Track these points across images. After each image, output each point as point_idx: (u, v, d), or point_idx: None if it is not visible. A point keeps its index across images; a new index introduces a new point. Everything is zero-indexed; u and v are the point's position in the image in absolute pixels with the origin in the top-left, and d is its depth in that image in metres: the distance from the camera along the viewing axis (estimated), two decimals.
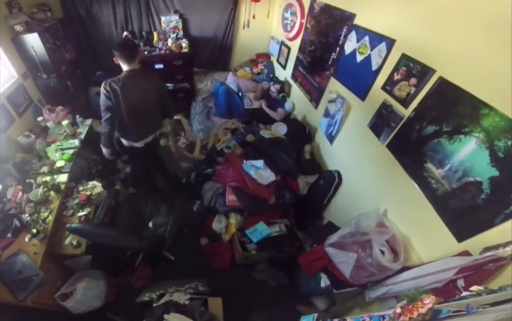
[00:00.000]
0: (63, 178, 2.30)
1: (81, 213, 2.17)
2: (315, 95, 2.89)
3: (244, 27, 3.92)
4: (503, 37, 1.15)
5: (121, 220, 2.22)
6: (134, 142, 2.35)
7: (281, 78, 3.73)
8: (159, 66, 3.58)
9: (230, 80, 3.81)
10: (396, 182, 1.76)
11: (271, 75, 3.89)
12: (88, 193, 2.32)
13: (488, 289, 0.96)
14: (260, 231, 2.42)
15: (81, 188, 2.38)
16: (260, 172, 2.44)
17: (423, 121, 1.57)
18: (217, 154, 2.87)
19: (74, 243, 1.99)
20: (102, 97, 2.03)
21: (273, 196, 2.49)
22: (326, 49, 2.61)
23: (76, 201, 2.24)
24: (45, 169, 2.34)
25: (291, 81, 3.49)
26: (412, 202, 1.63)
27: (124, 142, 2.37)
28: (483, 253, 1.18)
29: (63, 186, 2.23)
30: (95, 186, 2.41)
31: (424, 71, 1.56)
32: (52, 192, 2.16)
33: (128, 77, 2.05)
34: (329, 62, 2.57)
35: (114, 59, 2.07)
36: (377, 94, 1.94)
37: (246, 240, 2.43)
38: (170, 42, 3.51)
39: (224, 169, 2.61)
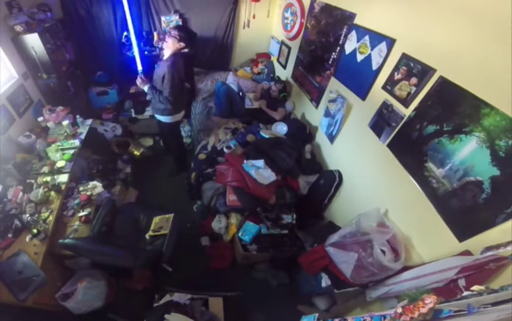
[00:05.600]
0: (63, 178, 2.30)
1: (81, 213, 2.17)
2: (315, 94, 2.88)
3: (244, 27, 3.92)
4: (504, 36, 1.15)
5: (118, 230, 2.15)
6: (179, 113, 2.78)
7: (282, 78, 3.73)
8: None
9: (231, 80, 3.80)
10: (397, 181, 1.76)
11: (271, 75, 3.89)
12: (89, 193, 2.33)
13: (489, 288, 0.96)
14: (248, 229, 2.42)
15: (81, 188, 2.38)
16: (260, 171, 2.44)
17: (423, 120, 1.57)
18: (217, 154, 2.87)
19: None
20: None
21: (273, 196, 2.49)
22: (326, 49, 2.60)
23: (77, 201, 2.24)
24: (45, 169, 2.34)
25: (292, 81, 3.49)
26: (412, 201, 1.63)
27: (171, 119, 2.72)
28: (484, 253, 1.18)
29: (63, 187, 2.23)
30: (95, 187, 2.41)
31: (424, 71, 1.56)
32: (52, 193, 2.16)
33: (179, 56, 2.50)
34: (330, 62, 2.56)
35: (171, 41, 2.35)
36: (377, 94, 1.94)
37: None
38: None
39: (225, 169, 2.60)
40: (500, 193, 1.18)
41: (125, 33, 3.50)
